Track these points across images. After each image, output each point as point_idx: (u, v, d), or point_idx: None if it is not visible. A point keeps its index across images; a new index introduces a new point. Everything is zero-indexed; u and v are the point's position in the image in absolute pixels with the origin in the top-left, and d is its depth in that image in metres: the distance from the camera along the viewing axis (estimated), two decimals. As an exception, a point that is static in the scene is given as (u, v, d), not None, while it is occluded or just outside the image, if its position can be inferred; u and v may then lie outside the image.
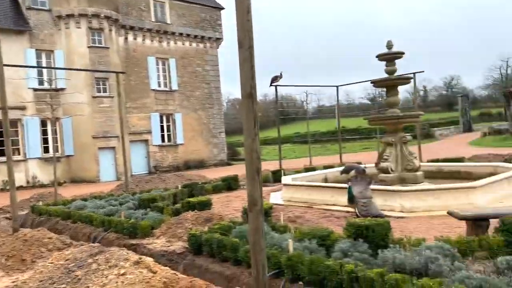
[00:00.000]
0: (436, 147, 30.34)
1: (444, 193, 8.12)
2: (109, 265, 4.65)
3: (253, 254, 3.06)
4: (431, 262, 4.25)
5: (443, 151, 23.37)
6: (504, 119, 39.44)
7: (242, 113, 3.04)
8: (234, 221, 6.68)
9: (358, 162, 13.78)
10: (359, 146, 35.91)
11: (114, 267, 4.58)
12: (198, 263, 5.81)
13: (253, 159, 3.03)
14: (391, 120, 10.29)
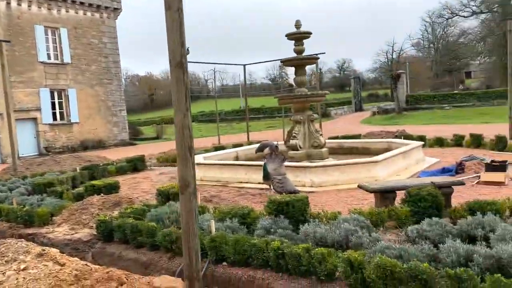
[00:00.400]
0: (332, 125, 32.15)
1: (350, 168, 8.53)
2: (6, 259, 4.04)
3: (186, 240, 2.81)
4: (351, 234, 4.38)
5: (339, 129, 24.82)
6: (391, 100, 43.18)
7: (172, 85, 2.73)
8: (147, 204, 6.28)
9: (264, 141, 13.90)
10: (264, 125, 36.67)
11: (13, 262, 3.98)
12: (110, 251, 5.36)
13: (184, 136, 2.75)
14: (300, 98, 10.50)
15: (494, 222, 4.54)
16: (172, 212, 5.66)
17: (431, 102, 38.22)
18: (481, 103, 34.68)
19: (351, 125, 29.99)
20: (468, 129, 19.33)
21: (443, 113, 31.74)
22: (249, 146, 13.32)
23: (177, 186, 6.32)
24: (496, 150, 12.08)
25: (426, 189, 5.45)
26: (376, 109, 37.69)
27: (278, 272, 4.10)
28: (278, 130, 31.01)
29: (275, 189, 7.29)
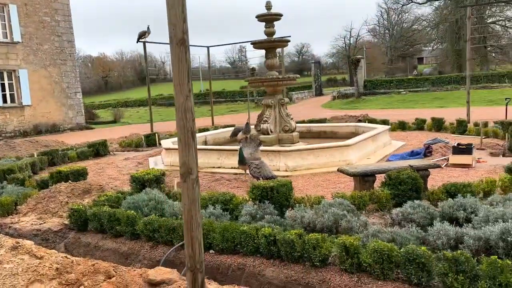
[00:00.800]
0: (295, 109, 32.30)
1: (324, 152, 8.56)
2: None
3: (188, 231, 2.65)
4: (340, 219, 4.36)
5: (303, 113, 24.99)
6: (349, 84, 43.94)
7: (173, 64, 2.52)
8: (122, 192, 6.00)
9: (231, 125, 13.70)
10: (225, 109, 36.30)
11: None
12: (85, 241, 5.08)
13: (187, 120, 2.56)
14: (271, 82, 10.39)
15: (475, 204, 4.65)
16: (150, 200, 5.44)
17: (388, 87, 39.21)
18: (436, 88, 35.97)
19: (313, 109, 30.27)
20: (426, 113, 20.00)
21: (400, 98, 32.65)
22: (217, 131, 13.11)
23: (152, 172, 6.09)
24: (457, 133, 12.54)
25: (406, 172, 5.52)
26: (336, 93, 38.22)
27: (269, 259, 4.02)
28: (241, 114, 30.89)
29: (252, 174, 7.18)
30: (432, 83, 37.37)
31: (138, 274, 3.24)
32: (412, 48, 73.51)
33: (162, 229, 4.56)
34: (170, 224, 4.53)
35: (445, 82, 37.39)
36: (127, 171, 9.70)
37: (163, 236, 4.56)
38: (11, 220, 5.86)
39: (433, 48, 67.89)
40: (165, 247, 4.58)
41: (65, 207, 6.04)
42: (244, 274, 4.03)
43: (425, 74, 53.97)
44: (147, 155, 12.03)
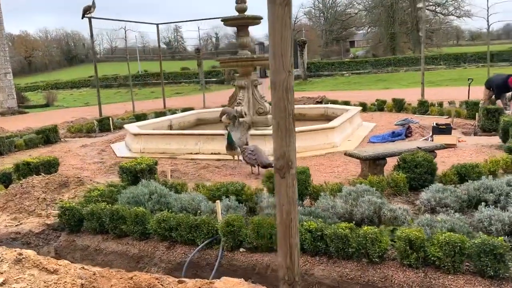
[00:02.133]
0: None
1: (308, 135, 8.27)
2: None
3: (285, 236, 2.18)
4: (379, 207, 4.06)
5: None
6: (295, 66, 44.15)
7: (273, 30, 2.01)
8: (113, 185, 5.27)
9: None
10: (169, 91, 34.92)
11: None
12: (82, 244, 4.37)
13: (288, 101, 2.07)
14: (245, 62, 9.86)
15: (501, 186, 4.56)
16: (151, 193, 4.81)
17: (330, 69, 39.88)
18: (376, 70, 37.13)
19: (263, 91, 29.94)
20: (373, 94, 20.47)
21: (345, 80, 33.32)
22: (182, 114, 12.38)
23: (143, 161, 5.44)
24: (418, 113, 12.81)
25: (421, 155, 5.35)
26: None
27: (313, 256, 3.63)
28: (188, 96, 29.93)
29: (245, 161, 6.71)
30: (372, 65, 38.52)
31: (195, 286, 2.71)
32: (345, 32, 75.35)
33: (182, 227, 4.00)
34: (191, 221, 3.98)
35: (383, 64, 38.70)
36: (91, 160, 8.81)
37: (183, 235, 4.01)
38: (-22, 223, 4.95)
39: (367, 31, 69.99)
40: (184, 247, 4.03)
41: (42, 204, 5.23)
42: (287, 274, 3.61)
43: (359, 56, 55.53)
44: (106, 141, 11.07)
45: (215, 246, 3.96)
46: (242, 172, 6.97)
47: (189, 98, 27.66)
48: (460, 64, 35.85)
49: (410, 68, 36.10)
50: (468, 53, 38.55)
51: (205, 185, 5.26)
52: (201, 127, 11.89)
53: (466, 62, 36.23)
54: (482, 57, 37.27)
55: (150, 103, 24.02)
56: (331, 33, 73.18)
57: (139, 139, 9.12)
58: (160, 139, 8.94)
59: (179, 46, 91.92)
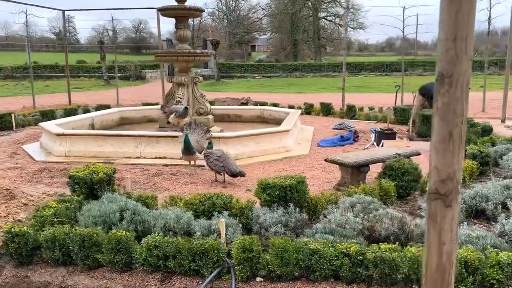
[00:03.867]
0: (153, 89, 30.30)
1: (264, 138, 7.75)
2: None
3: (438, 284, 1.64)
4: (403, 223, 3.69)
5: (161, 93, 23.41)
6: (202, 66, 43.26)
7: (450, 4, 1.47)
8: (66, 200, 4.17)
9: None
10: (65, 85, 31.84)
11: None
12: (40, 280, 3.31)
13: (466, 102, 1.54)
14: (187, 56, 9.01)
15: (495, 195, 4.52)
16: (121, 210, 3.89)
17: (240, 71, 39.89)
18: (286, 74, 37.99)
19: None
20: (292, 97, 20.74)
21: (257, 82, 33.46)
22: (104, 112, 11.01)
23: (100, 170, 4.47)
24: (346, 118, 13.03)
25: (407, 162, 5.17)
26: (193, 74, 37.16)
27: (349, 284, 3.12)
28: (89, 92, 27.53)
29: (210, 167, 5.95)
30: (281, 69, 39.36)
31: None
32: (247, 35, 76.55)
33: (183, 254, 3.21)
34: (196, 247, 3.20)
35: (290, 69, 39.76)
36: (3, 165, 7.28)
37: (184, 264, 3.22)
38: None
39: (271, 36, 71.70)
40: (185, 280, 3.24)
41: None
42: (321, 306, 3.06)
43: (263, 60, 56.45)
44: (14, 142, 9.36)
45: (224, 277, 3.25)
46: (203, 179, 6.21)
47: (92, 94, 25.41)
48: (361, 72, 38.30)
49: (316, 74, 37.58)
50: (365, 63, 41.51)
51: (182, 198, 4.45)
52: (125, 127, 10.71)
53: (365, 70, 38.86)
54: (377, 67, 40.42)
55: (48, 98, 21.54)
56: (235, 36, 73.77)
57: (62, 140, 7.77)
58: (91, 141, 7.72)
59: (70, 37, 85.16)
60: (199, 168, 6.73)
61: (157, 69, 41.79)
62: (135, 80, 38.12)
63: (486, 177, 6.14)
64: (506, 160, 6.27)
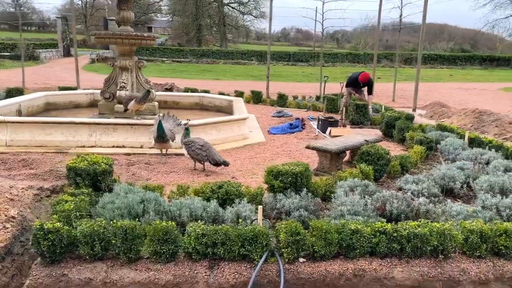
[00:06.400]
0: (48, 70, 27.92)
1: (225, 126, 7.81)
2: None
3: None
4: (409, 202, 4.15)
5: (68, 76, 21.92)
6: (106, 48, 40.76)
7: None
8: (74, 193, 3.87)
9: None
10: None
11: None
12: (79, 278, 3.11)
13: None
14: (132, 39, 8.59)
15: (459, 175, 5.26)
16: (142, 201, 3.78)
17: (145, 54, 38.46)
18: (196, 59, 37.58)
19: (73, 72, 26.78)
20: (211, 84, 20.73)
21: (169, 67, 32.62)
22: (28, 97, 9.97)
23: (100, 161, 4.30)
24: (277, 106, 13.53)
25: (380, 148, 5.71)
26: (95, 56, 34.89)
27: (383, 258, 3.48)
28: None
29: (191, 156, 5.89)
30: (190, 54, 38.87)
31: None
32: (144, 16, 73.68)
33: (232, 240, 3.27)
34: (245, 233, 3.29)
35: (198, 54, 39.45)
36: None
37: (234, 250, 3.28)
38: None
39: (171, 19, 69.83)
40: (234, 265, 3.31)
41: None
42: (362, 281, 3.37)
43: (158, 43, 54.75)
44: None
45: (269, 259, 3.39)
46: (181, 167, 6.13)
47: None
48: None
49: (227, 61, 37.83)
50: (273, 52, 42.79)
51: (189, 187, 4.43)
52: (52, 113, 9.92)
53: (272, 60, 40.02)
54: (281, 56, 41.88)
55: None
56: (131, 16, 70.45)
57: (3, 128, 6.99)
58: (37, 129, 7.05)
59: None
60: (169, 157, 6.61)
61: (51, 49, 38.46)
62: (27, 60, 34.63)
63: (430, 160, 7.02)
64: (444, 145, 7.21)
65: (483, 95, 21.14)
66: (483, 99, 18.94)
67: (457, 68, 41.78)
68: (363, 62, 40.63)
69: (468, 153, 6.49)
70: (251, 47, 53.03)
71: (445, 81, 29.25)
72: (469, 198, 5.11)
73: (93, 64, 33.50)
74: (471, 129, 9.65)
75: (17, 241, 3.76)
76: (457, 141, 7.23)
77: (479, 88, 24.52)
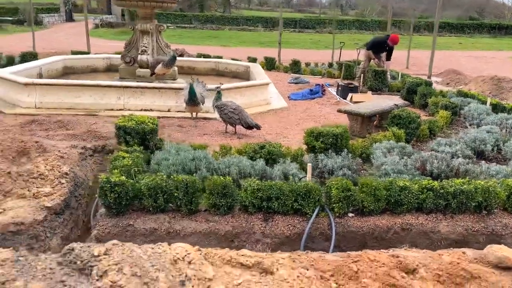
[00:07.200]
0: (52, 35, 27.62)
1: (249, 91, 7.86)
2: None
3: None
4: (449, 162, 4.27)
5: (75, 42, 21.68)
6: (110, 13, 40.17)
7: None
8: (127, 150, 3.99)
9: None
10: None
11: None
12: (144, 228, 3.28)
13: None
14: (153, 1, 8.50)
15: (490, 139, 5.36)
16: (193, 159, 3.91)
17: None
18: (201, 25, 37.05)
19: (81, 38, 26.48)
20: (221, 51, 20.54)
21: (174, 33, 32.03)
22: (47, 60, 9.96)
23: (147, 120, 4.39)
24: (291, 72, 13.50)
25: (412, 112, 5.79)
26: (98, 21, 34.40)
27: (428, 214, 3.63)
28: None
29: (224, 119, 5.98)
30: (194, 20, 38.29)
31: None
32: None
33: (286, 195, 3.42)
34: (298, 189, 3.43)
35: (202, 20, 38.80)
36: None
37: (287, 204, 3.43)
38: None
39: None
40: (288, 218, 3.48)
41: (19, 180, 3.68)
42: (409, 234, 3.53)
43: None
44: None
45: (320, 214, 3.54)
46: (212, 130, 6.24)
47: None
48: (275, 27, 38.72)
49: (232, 27, 37.29)
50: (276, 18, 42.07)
51: (231, 147, 4.55)
52: (71, 76, 9.95)
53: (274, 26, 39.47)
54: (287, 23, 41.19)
55: None
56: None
57: (32, 91, 7.05)
58: (66, 92, 7.11)
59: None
60: (198, 120, 6.70)
61: (53, 13, 37.90)
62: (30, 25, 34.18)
63: (454, 125, 7.11)
64: (468, 110, 7.28)
65: (494, 63, 21.00)
66: (495, 67, 18.83)
67: (465, 36, 41.20)
68: (370, 29, 40.02)
69: (493, 118, 6.58)
70: (256, 13, 52.14)
71: (454, 49, 28.94)
72: (499, 161, 5.23)
73: (97, 29, 33.05)
74: (490, 95, 9.69)
75: (72, 196, 3.92)
76: (480, 106, 7.30)
77: (489, 57, 24.33)
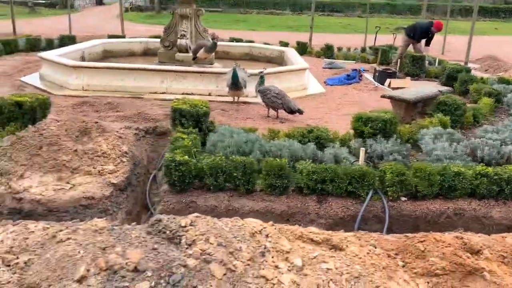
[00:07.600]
0: (84, 19, 28.08)
1: (287, 76, 7.92)
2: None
3: None
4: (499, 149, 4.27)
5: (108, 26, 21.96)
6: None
7: None
8: (184, 132, 4.15)
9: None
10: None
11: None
12: (206, 205, 3.45)
13: None
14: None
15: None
16: (247, 141, 4.04)
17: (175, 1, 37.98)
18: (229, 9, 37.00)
19: (112, 21, 26.85)
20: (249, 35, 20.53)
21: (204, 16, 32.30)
22: (88, 44, 10.24)
23: (200, 104, 4.52)
24: (324, 57, 13.42)
25: (456, 99, 5.76)
26: (128, 4, 34.76)
27: (481, 200, 3.68)
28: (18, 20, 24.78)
29: (266, 103, 6.08)
30: (224, 3, 38.24)
31: None
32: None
33: (341, 178, 3.51)
34: (352, 172, 3.52)
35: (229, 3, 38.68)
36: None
37: (342, 187, 3.53)
38: (8, 189, 3.40)
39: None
40: (341, 200, 3.58)
41: (85, 158, 3.88)
42: (461, 219, 3.59)
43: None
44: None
45: (374, 197, 3.63)
46: (254, 114, 6.35)
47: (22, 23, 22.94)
48: (304, 11, 38.32)
49: (260, 11, 37.07)
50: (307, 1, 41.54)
51: (280, 131, 4.66)
52: (111, 59, 10.18)
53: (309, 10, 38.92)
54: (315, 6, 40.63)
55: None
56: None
57: (79, 73, 7.31)
58: (111, 75, 7.34)
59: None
60: (239, 104, 6.82)
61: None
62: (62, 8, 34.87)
63: (497, 113, 7.01)
64: (511, 97, 7.16)
65: (533, 50, 20.29)
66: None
67: (500, 21, 39.81)
68: (401, 13, 39.09)
69: (539, 106, 6.47)
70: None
71: (490, 34, 28.06)
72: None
73: (127, 13, 33.38)
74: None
75: (132, 174, 4.11)
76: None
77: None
